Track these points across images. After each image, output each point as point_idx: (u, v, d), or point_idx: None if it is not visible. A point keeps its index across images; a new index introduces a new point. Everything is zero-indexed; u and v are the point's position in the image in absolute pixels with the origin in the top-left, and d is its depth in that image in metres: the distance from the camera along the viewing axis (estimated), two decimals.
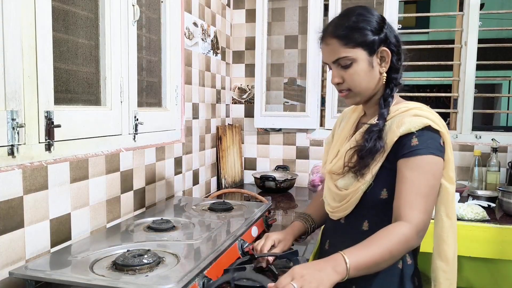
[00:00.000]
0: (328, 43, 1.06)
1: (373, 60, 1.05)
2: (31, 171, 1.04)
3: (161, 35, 1.71)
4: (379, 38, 1.04)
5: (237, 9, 2.56)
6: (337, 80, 1.07)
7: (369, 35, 1.03)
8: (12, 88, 0.97)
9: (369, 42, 1.03)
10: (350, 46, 1.03)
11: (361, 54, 1.03)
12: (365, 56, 1.04)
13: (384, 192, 1.04)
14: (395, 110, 1.06)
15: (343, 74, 1.06)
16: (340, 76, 1.06)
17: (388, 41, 1.05)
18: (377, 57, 1.05)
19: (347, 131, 1.18)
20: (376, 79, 1.07)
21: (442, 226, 1.05)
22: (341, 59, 1.04)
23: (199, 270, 0.94)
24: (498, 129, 2.92)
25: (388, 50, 1.05)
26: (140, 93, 1.53)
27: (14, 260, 1.00)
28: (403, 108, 1.05)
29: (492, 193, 2.05)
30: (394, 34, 1.07)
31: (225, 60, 2.46)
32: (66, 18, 1.20)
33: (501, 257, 1.76)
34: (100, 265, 0.96)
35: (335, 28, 1.05)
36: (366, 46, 1.03)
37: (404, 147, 0.99)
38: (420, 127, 0.99)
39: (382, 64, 1.06)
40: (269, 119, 2.49)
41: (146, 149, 1.57)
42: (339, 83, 1.08)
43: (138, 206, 1.53)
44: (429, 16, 5.37)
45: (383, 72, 1.06)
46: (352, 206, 1.08)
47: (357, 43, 1.03)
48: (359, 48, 1.03)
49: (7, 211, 0.97)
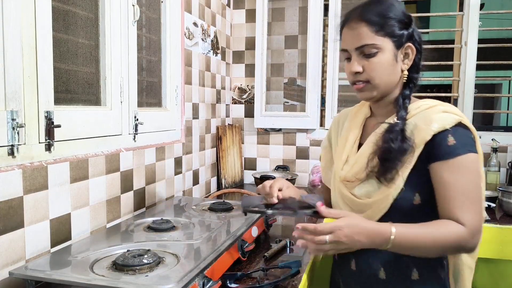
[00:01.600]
0: (354, 27, 0.98)
1: (398, 55, 0.99)
2: (31, 171, 1.04)
3: (161, 35, 1.71)
4: (407, 32, 0.99)
5: (237, 9, 2.56)
6: (357, 68, 0.98)
7: (399, 27, 0.98)
8: (12, 88, 0.97)
9: (398, 34, 0.97)
10: (380, 34, 0.96)
11: (388, 44, 0.97)
12: (392, 47, 0.97)
13: (416, 197, 0.96)
14: (415, 108, 1.00)
15: (364, 63, 0.98)
16: (360, 65, 0.98)
17: (414, 38, 1.00)
18: (402, 52, 1.00)
19: (355, 134, 1.10)
20: (397, 76, 1.01)
21: None
22: (367, 46, 0.96)
23: (199, 270, 0.94)
24: (498, 129, 2.92)
25: (414, 46, 1.00)
26: (140, 93, 1.53)
27: (14, 260, 1.00)
28: (424, 106, 0.99)
29: (492, 193, 2.05)
30: (419, 34, 1.03)
31: (225, 60, 2.46)
32: (66, 18, 1.20)
33: (501, 257, 1.76)
34: (100, 265, 0.96)
35: (366, 12, 0.97)
36: (395, 37, 0.97)
37: (440, 147, 0.93)
38: (453, 123, 0.93)
39: (405, 61, 1.01)
40: (269, 119, 2.49)
41: (146, 149, 1.57)
42: (358, 73, 0.99)
43: (138, 206, 1.53)
44: (429, 16, 5.36)
45: (405, 69, 1.01)
46: (379, 215, 0.98)
47: (387, 33, 0.96)
48: (388, 38, 0.97)
49: (7, 211, 0.97)
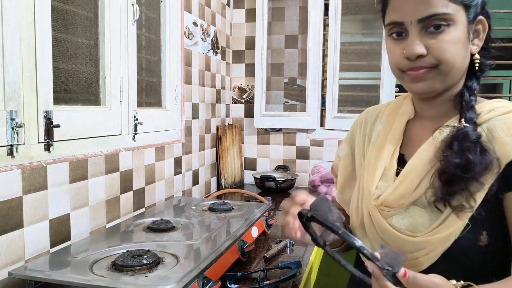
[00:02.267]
0: None
1: (469, 31, 0.74)
2: (31, 171, 1.03)
3: (160, 35, 1.70)
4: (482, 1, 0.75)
5: (237, 9, 2.56)
6: (420, 49, 0.72)
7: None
8: (12, 88, 0.96)
9: (472, 3, 0.73)
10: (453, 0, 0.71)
11: (462, 16, 0.72)
12: (465, 20, 0.73)
13: (484, 236, 0.71)
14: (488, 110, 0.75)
15: (429, 42, 0.72)
16: (422, 44, 0.72)
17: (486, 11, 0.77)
18: (473, 27, 0.75)
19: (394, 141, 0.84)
20: (467, 60, 0.76)
21: None
22: (438, 16, 0.71)
23: (199, 270, 0.94)
24: None
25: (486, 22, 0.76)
26: (139, 93, 1.53)
27: (14, 260, 0.99)
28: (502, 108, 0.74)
29: None
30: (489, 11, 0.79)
31: (225, 60, 2.46)
32: (65, 17, 1.19)
33: None
34: (100, 265, 0.96)
35: None
36: (469, 7, 0.73)
37: None
38: None
39: (474, 41, 0.76)
40: (269, 119, 2.49)
41: (145, 149, 1.56)
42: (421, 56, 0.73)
43: (137, 206, 1.52)
44: None
45: (475, 52, 0.76)
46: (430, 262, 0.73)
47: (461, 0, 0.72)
48: (462, 7, 0.72)
49: (6, 211, 0.97)
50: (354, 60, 2.42)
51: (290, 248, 1.40)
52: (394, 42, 0.76)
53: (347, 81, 2.51)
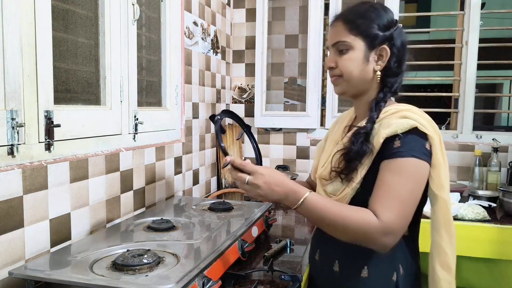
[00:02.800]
0: (334, 25, 1.06)
1: (370, 55, 1.03)
2: (31, 170, 1.04)
3: (161, 34, 1.70)
4: (383, 34, 1.02)
5: (237, 8, 2.56)
6: (330, 63, 1.07)
7: (374, 28, 1.02)
8: (12, 88, 0.96)
9: (371, 35, 1.02)
10: (352, 32, 1.02)
11: (360, 44, 1.02)
12: (363, 47, 1.02)
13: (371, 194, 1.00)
14: (384, 112, 1.03)
15: (337, 59, 1.05)
16: (334, 61, 1.06)
17: (392, 42, 1.03)
18: (376, 53, 1.03)
19: (338, 135, 1.15)
20: (369, 75, 1.04)
21: (441, 235, 1.01)
22: (340, 43, 1.04)
23: (199, 270, 0.94)
24: (499, 129, 2.91)
25: (389, 50, 1.03)
26: (140, 92, 1.53)
27: (14, 260, 1.00)
28: (392, 110, 1.01)
29: (493, 193, 2.05)
30: (402, 40, 1.04)
31: (225, 60, 2.46)
32: (65, 17, 1.19)
33: (502, 257, 1.76)
34: (100, 265, 0.96)
35: (345, 12, 1.06)
36: (367, 37, 1.02)
37: (387, 149, 0.96)
38: (406, 129, 0.95)
39: (378, 62, 1.04)
40: (269, 118, 2.49)
41: (146, 149, 1.57)
42: (332, 68, 1.07)
43: (138, 206, 1.52)
44: (430, 16, 5.36)
45: (378, 70, 1.04)
46: None
47: (359, 32, 1.02)
48: (360, 37, 1.02)
49: (6, 211, 0.97)
50: None
51: (290, 247, 1.40)
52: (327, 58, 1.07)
53: None
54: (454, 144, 2.30)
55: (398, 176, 0.93)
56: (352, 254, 1.02)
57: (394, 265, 1.01)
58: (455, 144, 2.30)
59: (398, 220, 0.91)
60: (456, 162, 2.30)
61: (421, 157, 0.94)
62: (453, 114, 2.39)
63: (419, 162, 0.94)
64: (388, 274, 1.00)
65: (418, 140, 0.96)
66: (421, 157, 0.94)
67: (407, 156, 0.93)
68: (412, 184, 0.94)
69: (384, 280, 1.00)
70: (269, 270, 1.18)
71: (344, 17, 1.05)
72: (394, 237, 0.92)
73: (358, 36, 1.02)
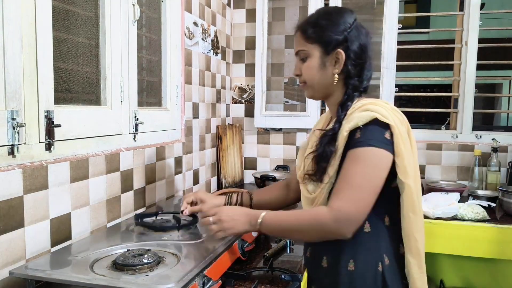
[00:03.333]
0: (295, 35, 1.12)
1: (326, 60, 1.07)
2: (31, 170, 1.04)
3: (161, 35, 1.71)
4: (336, 39, 1.05)
5: (237, 9, 2.56)
6: (295, 71, 1.13)
7: (328, 34, 1.06)
8: (12, 88, 0.97)
9: (325, 41, 1.06)
10: (308, 41, 1.08)
11: (316, 50, 1.07)
12: (319, 53, 1.07)
13: None
14: (351, 109, 1.06)
15: (301, 67, 1.11)
16: (298, 68, 1.12)
17: (347, 45, 1.05)
18: (332, 57, 1.06)
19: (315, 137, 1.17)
20: (329, 79, 1.08)
21: (410, 222, 1.02)
22: (300, 51, 1.10)
23: (199, 270, 0.94)
24: (499, 129, 2.91)
25: (343, 53, 1.05)
26: (140, 92, 1.53)
27: (14, 260, 1.00)
28: (358, 105, 1.05)
29: (492, 193, 2.05)
30: (360, 43, 1.07)
31: (225, 60, 2.46)
32: (66, 17, 1.19)
33: (502, 257, 1.76)
34: (100, 264, 0.96)
35: (302, 22, 1.11)
36: (322, 43, 1.06)
37: (351, 141, 1.00)
38: (366, 120, 0.99)
39: (335, 66, 1.07)
40: (269, 118, 2.49)
41: (146, 149, 1.57)
42: (298, 75, 1.13)
43: (138, 205, 1.53)
44: (429, 16, 5.36)
45: (335, 73, 1.07)
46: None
47: (314, 39, 1.07)
48: (316, 44, 1.07)
49: (7, 211, 0.97)
50: None
51: (290, 247, 1.40)
52: None
53: None
54: (454, 144, 2.31)
55: (354, 164, 0.97)
56: (338, 249, 1.05)
57: (379, 255, 1.03)
58: (455, 144, 2.30)
59: (349, 204, 0.95)
60: (455, 162, 2.30)
61: (378, 146, 0.97)
62: (452, 114, 2.39)
63: (376, 150, 0.97)
64: (373, 264, 1.03)
65: (377, 130, 0.98)
66: (378, 145, 0.97)
67: (365, 146, 0.97)
68: (368, 170, 0.97)
69: (370, 271, 1.02)
70: (269, 269, 1.19)
71: (301, 27, 1.10)
72: (348, 222, 0.95)
73: (314, 44, 1.07)
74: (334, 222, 0.94)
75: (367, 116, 0.99)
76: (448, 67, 2.48)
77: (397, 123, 0.99)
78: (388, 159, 0.98)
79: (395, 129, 0.98)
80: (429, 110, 2.46)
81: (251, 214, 1.04)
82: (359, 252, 1.03)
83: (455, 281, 2.22)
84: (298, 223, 0.99)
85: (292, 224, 1.00)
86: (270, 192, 1.36)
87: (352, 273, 1.03)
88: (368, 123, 0.99)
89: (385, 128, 0.99)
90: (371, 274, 1.02)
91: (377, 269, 1.02)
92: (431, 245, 1.78)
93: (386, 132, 0.99)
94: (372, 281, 1.02)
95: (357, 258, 1.03)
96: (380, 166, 0.98)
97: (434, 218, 1.79)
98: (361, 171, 0.96)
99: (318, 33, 1.06)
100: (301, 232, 1.00)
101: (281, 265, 1.25)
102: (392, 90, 2.32)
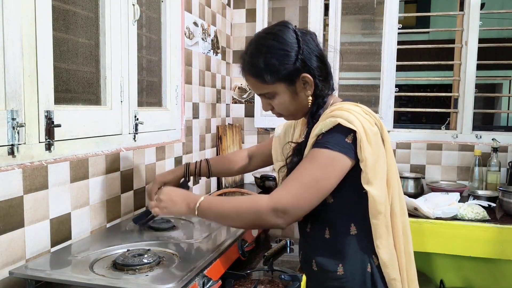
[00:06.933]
0: (247, 79, 1.07)
1: (296, 88, 1.04)
2: (31, 170, 1.04)
3: (161, 35, 1.71)
4: (295, 68, 1.01)
5: (237, 9, 2.56)
6: (266, 109, 1.10)
7: (284, 68, 1.01)
8: (12, 88, 0.97)
9: (285, 76, 1.02)
10: (268, 83, 1.03)
11: (280, 87, 1.03)
12: (285, 88, 1.04)
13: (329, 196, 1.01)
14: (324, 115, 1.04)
15: (270, 103, 1.08)
16: (268, 105, 1.09)
17: (306, 65, 1.02)
18: (300, 83, 1.04)
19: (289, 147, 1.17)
20: (304, 101, 1.07)
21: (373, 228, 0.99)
22: (263, 94, 1.07)
23: (199, 269, 0.95)
24: (499, 129, 2.91)
25: (309, 74, 1.02)
26: (140, 92, 1.53)
27: (14, 260, 1.00)
28: (326, 112, 1.03)
29: (492, 193, 2.05)
30: (316, 55, 1.04)
31: (225, 60, 2.46)
32: (66, 17, 1.19)
33: (502, 257, 1.76)
34: (100, 264, 0.96)
35: (250, 67, 1.04)
36: (283, 80, 1.02)
37: None
38: (329, 127, 0.98)
39: (306, 88, 1.04)
40: (270, 118, 2.49)
41: (146, 149, 1.57)
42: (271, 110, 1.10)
43: (138, 205, 1.53)
44: (429, 16, 5.36)
45: (309, 94, 1.05)
46: None
47: (274, 80, 1.02)
48: (277, 83, 1.02)
49: (7, 211, 0.97)
50: (354, 60, 2.43)
51: (290, 247, 1.40)
52: None
53: (347, 81, 2.51)
54: (454, 144, 2.31)
55: (307, 162, 0.98)
56: (326, 253, 1.05)
57: (367, 256, 1.02)
58: (455, 144, 2.30)
59: (289, 198, 0.95)
60: (455, 162, 2.30)
61: (334, 149, 0.96)
62: (452, 114, 2.39)
63: (331, 152, 0.96)
64: (362, 266, 1.02)
65: (338, 134, 0.97)
66: (334, 148, 0.96)
67: (320, 147, 0.97)
68: (317, 171, 0.96)
69: (360, 274, 1.02)
70: (269, 269, 1.19)
71: (250, 73, 1.04)
72: (285, 214, 0.94)
73: (275, 83, 1.02)
74: (270, 211, 0.94)
75: (329, 122, 0.98)
76: (448, 67, 2.48)
77: (365, 127, 0.97)
78: (344, 163, 0.96)
79: (361, 135, 0.95)
80: (429, 110, 2.47)
81: (190, 197, 1.05)
82: (347, 254, 1.02)
83: (455, 281, 2.22)
84: (236, 209, 0.99)
85: (230, 210, 1.00)
86: (230, 162, 1.39)
87: (341, 278, 1.02)
88: (330, 129, 0.98)
89: (347, 133, 0.96)
90: (360, 277, 1.01)
91: (366, 270, 1.02)
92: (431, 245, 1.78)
93: (348, 136, 0.96)
94: (361, 282, 1.01)
95: (345, 261, 1.02)
96: (332, 169, 0.96)
97: (434, 218, 1.79)
98: (311, 169, 0.96)
99: (274, 74, 1.01)
100: (238, 217, 0.99)
101: (281, 265, 1.25)
102: (392, 90, 2.32)
